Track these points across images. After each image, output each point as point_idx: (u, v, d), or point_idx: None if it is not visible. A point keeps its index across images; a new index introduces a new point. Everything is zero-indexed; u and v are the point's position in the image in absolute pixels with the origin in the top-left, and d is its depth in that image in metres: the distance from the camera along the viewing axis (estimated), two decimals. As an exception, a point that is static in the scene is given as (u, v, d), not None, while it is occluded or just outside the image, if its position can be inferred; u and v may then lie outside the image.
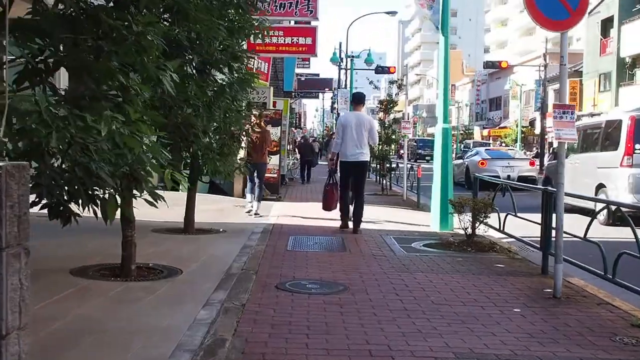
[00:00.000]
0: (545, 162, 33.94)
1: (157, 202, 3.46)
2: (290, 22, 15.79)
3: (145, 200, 3.44)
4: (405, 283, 5.76)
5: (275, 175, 14.08)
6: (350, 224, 8.98)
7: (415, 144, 44.45)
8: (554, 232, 6.13)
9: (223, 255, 6.76)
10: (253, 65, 11.53)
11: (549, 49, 39.50)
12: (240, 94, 7.10)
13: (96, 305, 4.66)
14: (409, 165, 16.36)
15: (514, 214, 7.68)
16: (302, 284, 5.53)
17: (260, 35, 8.18)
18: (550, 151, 23.59)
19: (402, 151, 29.90)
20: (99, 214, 3.16)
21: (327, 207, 9.53)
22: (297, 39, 13.87)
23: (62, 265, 5.80)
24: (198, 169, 7.97)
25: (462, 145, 44.96)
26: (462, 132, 57.94)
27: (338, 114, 34.43)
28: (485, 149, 23.14)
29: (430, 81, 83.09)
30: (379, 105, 17.97)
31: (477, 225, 7.96)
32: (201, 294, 5.00)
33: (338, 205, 9.25)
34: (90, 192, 3.04)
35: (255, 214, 10.48)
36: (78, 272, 5.59)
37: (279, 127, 14.48)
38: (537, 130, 44.20)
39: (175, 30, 5.44)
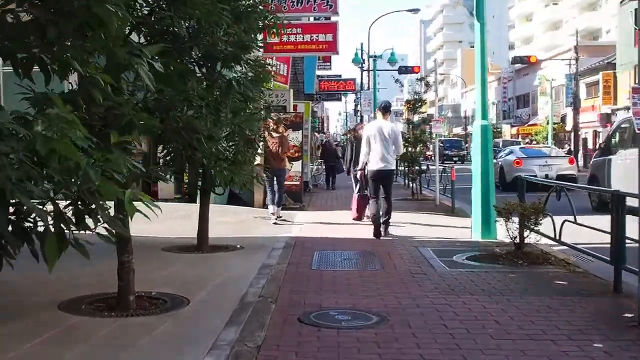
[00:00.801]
0: (580, 159, 32.79)
1: (113, 237, 2.54)
2: (308, 19, 14.91)
3: (98, 234, 2.53)
4: (454, 310, 4.81)
5: (298, 182, 13.18)
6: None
7: (442, 144, 43.22)
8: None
9: (238, 278, 5.90)
10: (271, 67, 10.69)
11: (579, 42, 38.05)
12: (252, 92, 6.20)
13: (81, 351, 3.83)
14: (440, 167, 15.34)
15: (572, 220, 6.66)
16: (330, 315, 4.62)
17: (275, 30, 7.34)
18: (597, 146, 22.24)
19: (428, 152, 28.88)
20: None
21: (356, 217, 10.09)
22: (317, 36, 12.94)
23: (52, 296, 5.00)
24: (210, 180, 7.15)
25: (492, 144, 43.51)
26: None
27: (361, 117, 33.42)
28: (520, 148, 21.98)
29: (454, 80, 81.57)
30: (405, 105, 17.01)
31: (526, 233, 7.00)
32: (208, 333, 4.14)
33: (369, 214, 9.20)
34: (21, 226, 2.19)
35: (277, 219, 10.25)
36: (68, 306, 4.78)
37: (300, 132, 13.58)
38: (569, 127, 42.67)
39: (171, 18, 4.60)
